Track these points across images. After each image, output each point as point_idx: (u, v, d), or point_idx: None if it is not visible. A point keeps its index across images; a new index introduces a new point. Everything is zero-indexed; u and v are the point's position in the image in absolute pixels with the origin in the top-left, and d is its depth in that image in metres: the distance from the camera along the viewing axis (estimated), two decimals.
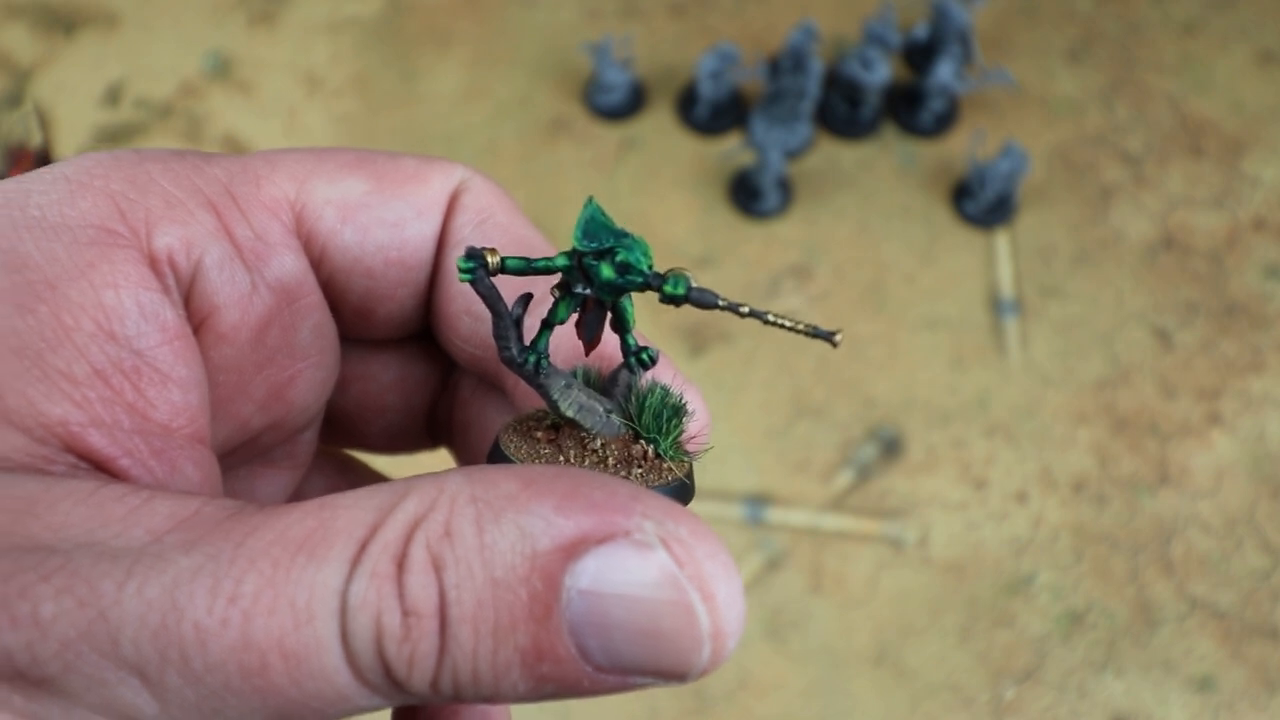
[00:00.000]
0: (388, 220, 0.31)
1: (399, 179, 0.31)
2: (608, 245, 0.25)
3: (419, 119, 0.95)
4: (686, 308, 0.26)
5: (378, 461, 0.39)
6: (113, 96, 0.96)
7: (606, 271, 0.25)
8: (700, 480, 0.80)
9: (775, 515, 0.79)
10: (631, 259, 0.25)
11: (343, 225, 0.30)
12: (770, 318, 0.25)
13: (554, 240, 0.31)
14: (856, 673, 0.74)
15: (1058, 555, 0.78)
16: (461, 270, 0.25)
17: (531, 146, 0.94)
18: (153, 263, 0.27)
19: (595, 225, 0.26)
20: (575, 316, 0.27)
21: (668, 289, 0.25)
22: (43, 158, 0.91)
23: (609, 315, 0.27)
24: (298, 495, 0.35)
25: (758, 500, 0.79)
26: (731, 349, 0.85)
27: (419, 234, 0.31)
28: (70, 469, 0.24)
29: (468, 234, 0.31)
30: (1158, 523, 0.79)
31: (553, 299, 0.27)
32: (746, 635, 0.75)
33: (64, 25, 1.00)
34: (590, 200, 0.26)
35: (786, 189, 0.91)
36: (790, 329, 0.26)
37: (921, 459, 0.81)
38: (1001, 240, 0.90)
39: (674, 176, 0.93)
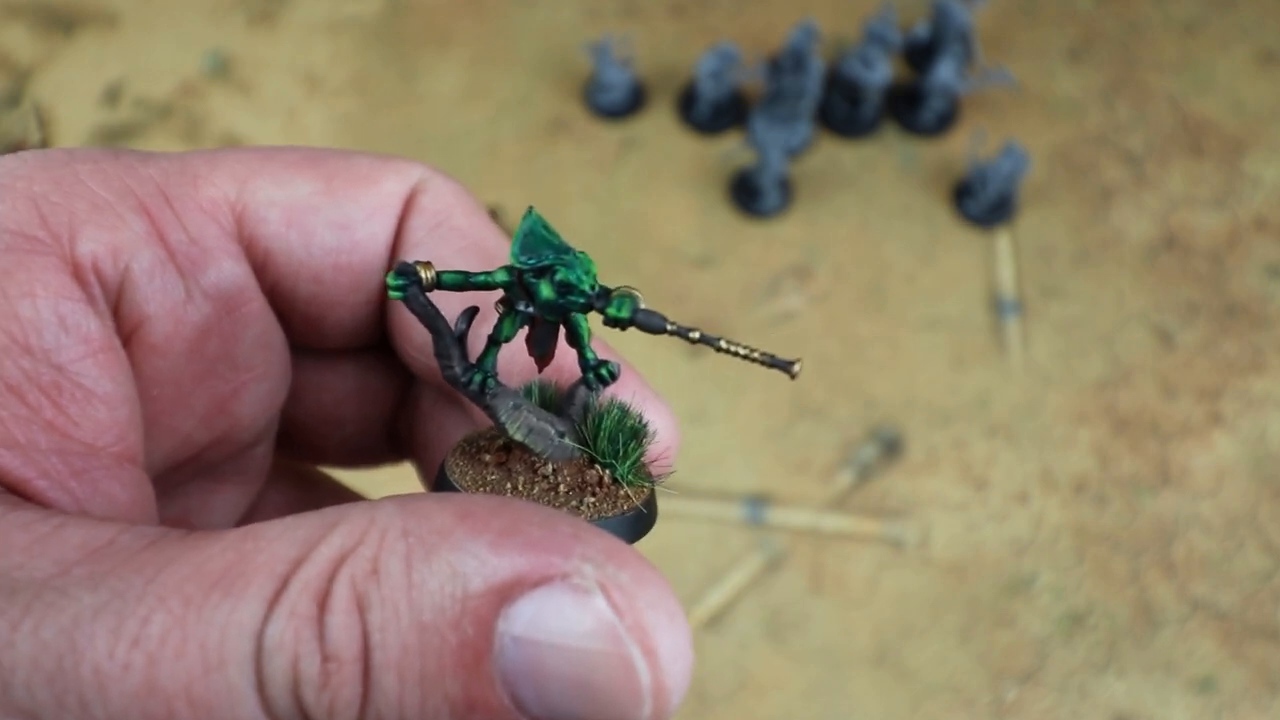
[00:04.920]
0: (336, 222, 0.29)
1: (350, 180, 0.29)
2: (547, 262, 0.24)
3: (419, 119, 0.95)
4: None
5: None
6: (112, 96, 0.96)
7: (546, 291, 0.24)
8: (700, 480, 0.80)
9: (775, 515, 0.79)
10: (572, 278, 0.24)
11: (288, 228, 0.28)
12: (722, 344, 0.24)
13: (566, 237, 0.29)
14: (857, 673, 0.74)
15: (1059, 556, 0.77)
16: (391, 288, 0.23)
17: (531, 146, 0.94)
18: (76, 270, 0.25)
19: (535, 239, 0.24)
20: (525, 332, 0.26)
21: (611, 312, 0.23)
22: None
23: (563, 329, 0.26)
24: (253, 512, 0.34)
25: (758, 500, 0.79)
26: None
27: (370, 237, 0.29)
28: None
29: (422, 237, 0.29)
30: (1159, 523, 0.79)
31: (498, 313, 0.25)
32: (747, 635, 0.75)
33: (64, 25, 1.00)
34: (530, 211, 0.24)
35: (786, 189, 0.91)
36: (744, 357, 0.24)
37: (922, 459, 0.81)
38: (1002, 240, 0.90)
39: (674, 176, 0.93)
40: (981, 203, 0.89)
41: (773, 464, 0.80)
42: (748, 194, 0.90)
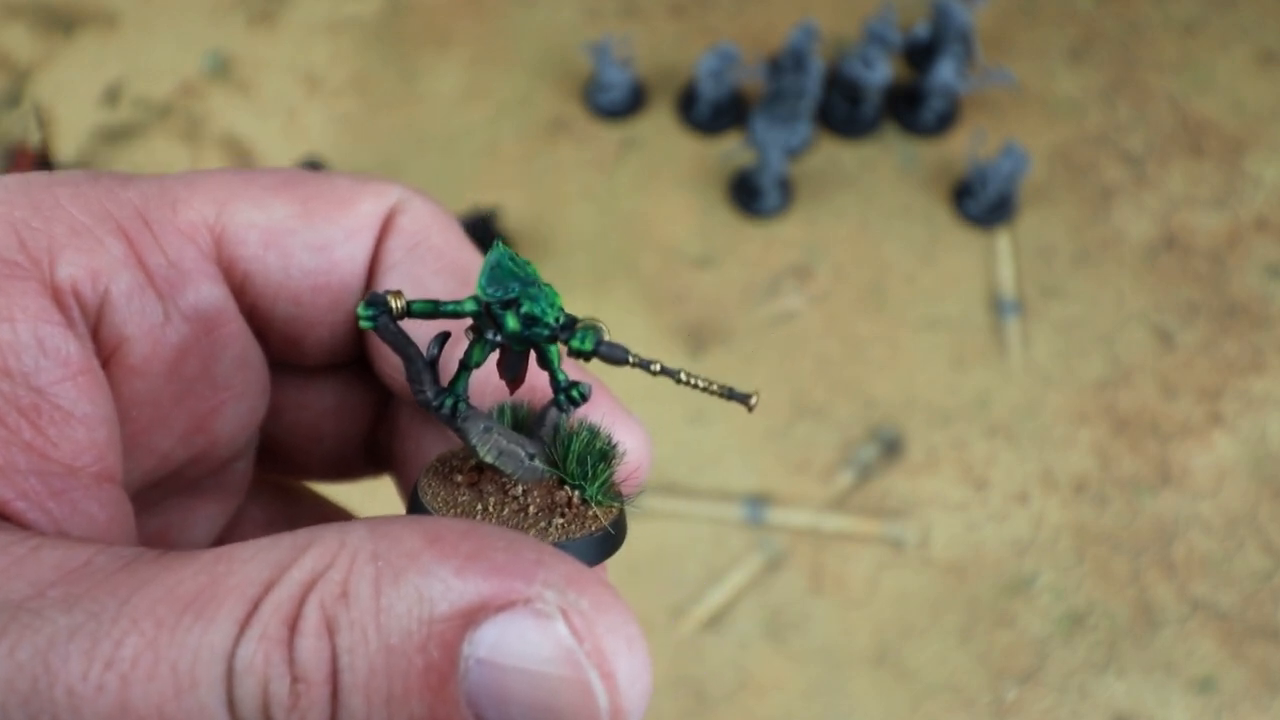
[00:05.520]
0: (314, 244, 0.29)
1: (328, 201, 0.29)
2: (512, 294, 0.24)
3: (419, 119, 0.95)
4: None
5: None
6: (112, 96, 0.96)
7: (511, 322, 0.24)
8: (700, 480, 0.80)
9: (775, 515, 0.79)
10: (537, 310, 0.24)
11: (266, 250, 0.29)
12: (682, 376, 0.24)
13: (567, 235, 0.29)
14: (857, 673, 0.74)
15: (1059, 556, 0.77)
16: (361, 318, 0.24)
17: (531, 146, 0.94)
18: (55, 294, 0.25)
19: (502, 271, 0.24)
20: (495, 357, 0.26)
21: (574, 344, 0.24)
22: (42, 157, 0.91)
23: (533, 353, 0.26)
24: (233, 526, 0.34)
25: (758, 500, 0.79)
26: (731, 349, 0.85)
27: (348, 258, 0.29)
28: None
29: (399, 258, 0.29)
30: (1159, 523, 0.79)
31: (468, 340, 0.26)
32: (747, 635, 0.75)
33: (63, 25, 1.00)
34: (497, 243, 0.25)
35: (786, 189, 0.91)
36: (704, 390, 0.25)
37: (922, 459, 0.81)
38: (1002, 240, 0.90)
39: (674, 176, 0.93)
40: (981, 203, 0.89)
41: (773, 464, 0.80)
42: (748, 194, 0.90)
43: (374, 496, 0.38)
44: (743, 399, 0.24)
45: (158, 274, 0.27)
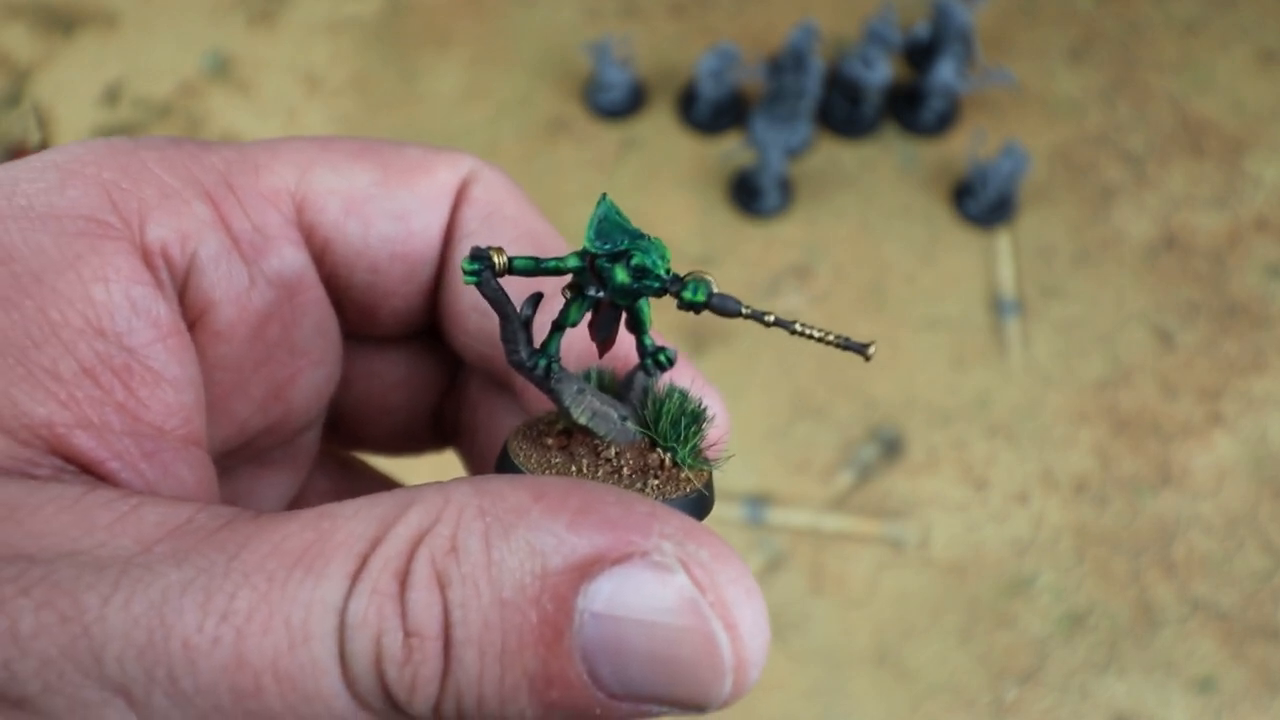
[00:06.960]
0: (393, 212, 0.29)
1: (404, 168, 0.29)
2: (622, 247, 0.24)
3: (419, 119, 0.95)
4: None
5: (383, 463, 0.38)
6: (112, 96, 0.96)
7: (621, 275, 0.24)
8: None
9: (776, 516, 0.79)
10: (648, 262, 0.24)
11: (346, 217, 0.29)
12: (797, 328, 0.24)
13: (565, 236, 0.30)
14: (857, 673, 0.74)
15: (1059, 556, 0.77)
16: (466, 272, 0.24)
17: (531, 146, 0.94)
18: (145, 255, 0.25)
19: (609, 225, 0.24)
20: (588, 318, 0.26)
21: (686, 295, 0.24)
22: None
23: (624, 315, 0.26)
24: (300, 498, 0.34)
25: (758, 500, 0.79)
26: (732, 350, 0.85)
27: (425, 227, 0.29)
28: (56, 472, 0.22)
29: (475, 227, 0.29)
30: (1159, 523, 0.79)
31: (564, 299, 0.25)
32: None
33: (63, 25, 1.00)
34: (604, 198, 0.25)
35: (787, 189, 0.91)
36: (819, 340, 0.24)
37: (922, 459, 0.81)
38: (1002, 240, 0.90)
39: (674, 176, 0.93)
40: (981, 203, 0.89)
41: (773, 464, 0.80)
42: (748, 194, 0.90)
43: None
44: (860, 349, 0.24)
45: (243, 238, 0.27)
